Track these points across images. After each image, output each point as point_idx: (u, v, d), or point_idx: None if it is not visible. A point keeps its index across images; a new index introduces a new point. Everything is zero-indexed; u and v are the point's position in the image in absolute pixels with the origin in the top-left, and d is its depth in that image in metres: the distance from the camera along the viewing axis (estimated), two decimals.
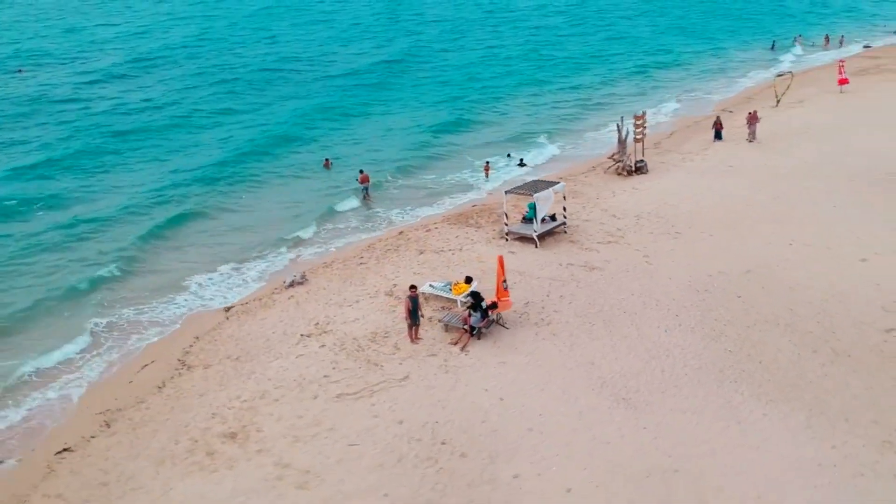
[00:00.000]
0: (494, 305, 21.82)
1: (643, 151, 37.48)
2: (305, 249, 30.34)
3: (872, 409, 18.30)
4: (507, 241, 28.41)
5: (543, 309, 23.27)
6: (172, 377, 20.78)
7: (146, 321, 24.80)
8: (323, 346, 21.56)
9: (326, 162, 41.36)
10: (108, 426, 18.78)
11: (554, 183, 28.98)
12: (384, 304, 23.90)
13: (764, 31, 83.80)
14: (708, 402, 18.66)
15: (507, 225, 28.59)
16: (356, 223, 33.07)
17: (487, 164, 38.74)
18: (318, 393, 19.28)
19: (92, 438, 18.36)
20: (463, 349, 21.03)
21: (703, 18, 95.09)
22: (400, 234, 30.54)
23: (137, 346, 23.20)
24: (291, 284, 25.70)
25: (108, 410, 19.51)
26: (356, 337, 21.93)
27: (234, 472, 16.63)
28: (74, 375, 21.50)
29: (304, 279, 25.98)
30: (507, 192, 28.74)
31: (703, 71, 64.51)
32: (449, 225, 30.82)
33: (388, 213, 34.15)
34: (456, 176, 39.11)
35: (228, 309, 24.84)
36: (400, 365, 20.45)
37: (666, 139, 42.85)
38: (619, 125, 36.58)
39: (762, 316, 22.67)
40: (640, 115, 37.59)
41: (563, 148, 43.93)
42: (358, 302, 24.19)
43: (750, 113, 40.72)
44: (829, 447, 16.96)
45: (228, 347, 22.09)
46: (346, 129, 49.14)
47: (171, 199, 36.04)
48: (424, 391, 19.31)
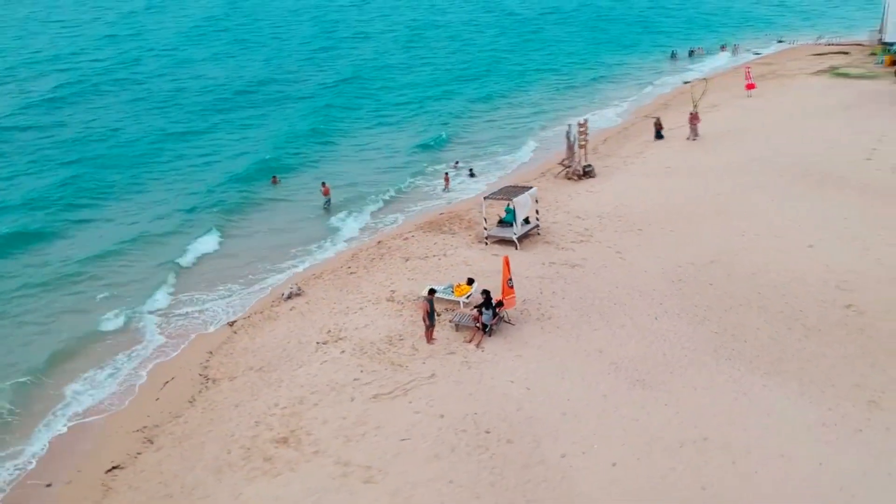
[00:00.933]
0: (500, 304, 23.13)
1: (586, 157, 39.70)
2: (290, 262, 30.86)
3: (851, 374, 20.65)
4: (486, 244, 29.79)
5: (541, 305, 24.76)
6: (200, 391, 21.08)
7: (147, 341, 24.79)
8: (343, 351, 22.31)
9: (274, 179, 41.66)
10: (150, 442, 18.98)
11: (528, 187, 30.60)
12: (389, 309, 24.82)
13: (661, 42, 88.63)
14: (713, 378, 20.57)
15: (486, 229, 29.96)
16: (329, 235, 33.71)
17: (447, 174, 40.09)
18: (353, 395, 20.07)
19: (138, 455, 18.54)
20: (478, 346, 22.25)
21: (598, 32, 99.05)
22: (379, 243, 31.48)
23: (148, 364, 23.23)
24: (289, 297, 26.23)
25: (144, 427, 19.67)
26: (372, 341, 22.79)
27: (297, 473, 17.26)
28: (96, 397, 21.40)
29: (300, 291, 26.53)
30: (485, 197, 30.18)
31: (614, 81, 67.94)
32: (424, 233, 31.96)
33: (357, 223, 34.95)
34: (416, 186, 40.29)
35: (232, 324, 25.12)
36: (423, 364, 21.47)
37: (601, 145, 45.37)
38: (567, 132, 38.64)
39: (735, 300, 24.90)
40: (582, 122, 39.82)
41: (510, 154, 45.98)
42: (362, 309, 25.01)
43: (692, 113, 44.04)
44: (825, 410, 19.10)
45: (248, 359, 22.51)
46: (292, 147, 49.62)
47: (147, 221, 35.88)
48: (454, 386, 20.41)
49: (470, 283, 25.00)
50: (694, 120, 43.70)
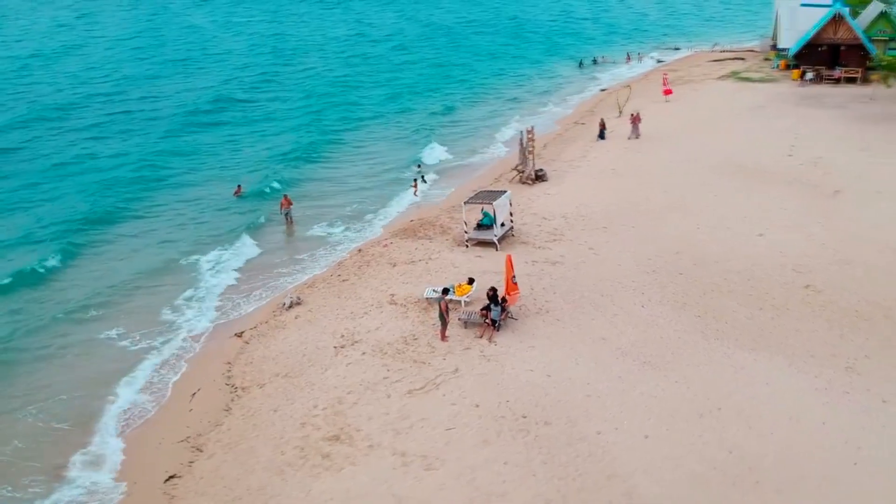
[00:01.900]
0: (504, 300, 24.59)
1: (534, 162, 41.74)
2: (275, 270, 31.48)
3: (825, 346, 23.21)
4: (467, 247, 31.19)
5: (536, 301, 26.37)
6: (233, 399, 21.55)
7: (155, 354, 25.00)
8: (364, 353, 23.23)
9: (237, 189, 41.75)
10: (199, 450, 19.38)
11: (503, 192, 32.25)
12: (394, 311, 25.86)
13: (569, 53, 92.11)
14: (710, 356, 22.69)
15: (466, 232, 31.37)
16: (304, 245, 34.35)
17: (415, 181, 41.26)
18: (389, 392, 21.07)
19: (191, 463, 18.94)
20: (490, 340, 23.62)
21: (510, 47, 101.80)
22: (359, 251, 32.39)
23: (169, 379, 23.52)
24: (291, 306, 26.82)
25: (188, 437, 20.03)
26: (389, 342, 23.81)
27: (359, 467, 18.16)
28: (131, 412, 21.62)
29: (300, 300, 27.18)
30: (465, 202, 31.57)
31: (530, 91, 70.56)
32: (401, 239, 33.05)
33: (327, 232, 35.69)
34: (382, 194, 41.38)
35: (241, 334, 25.53)
36: (444, 360, 22.67)
37: (543, 150, 47.47)
38: (521, 138, 40.58)
39: (706, 286, 27.26)
40: (530, 129, 41.86)
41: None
42: (367, 313, 25.93)
43: (633, 115, 47.06)
44: (812, 377, 21.49)
45: (270, 366, 23.09)
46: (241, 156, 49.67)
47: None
48: (480, 378, 21.72)
49: (470, 282, 26.32)
50: (636, 121, 46.66)
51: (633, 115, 47.61)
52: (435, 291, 26.23)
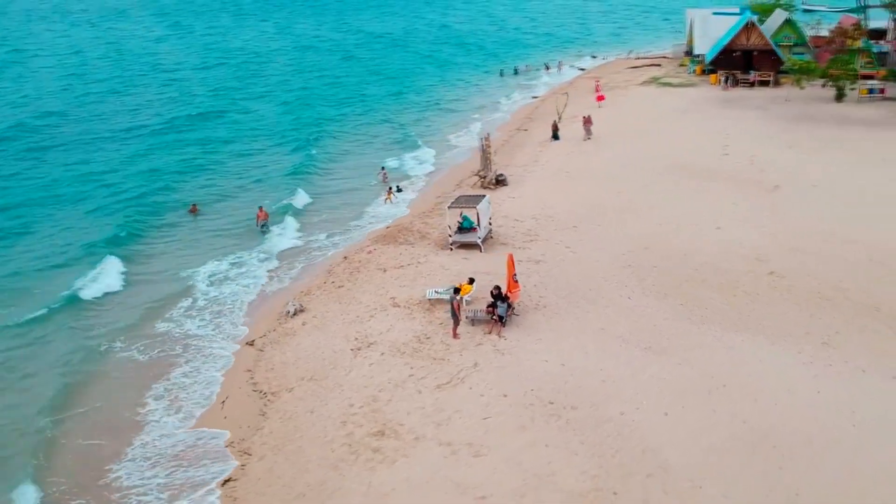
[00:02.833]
0: (507, 297, 26.03)
1: (493, 167, 43.44)
2: (266, 280, 31.96)
3: (797, 326, 25.61)
4: (452, 249, 32.48)
5: (531, 297, 27.90)
6: (265, 404, 22.14)
7: (168, 365, 25.27)
8: (382, 354, 24.20)
9: (193, 207, 41.54)
10: (248, 454, 19.96)
11: (482, 196, 33.73)
12: (400, 313, 26.90)
13: (488, 63, 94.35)
14: (702, 339, 24.74)
15: (450, 236, 32.65)
16: (287, 255, 34.88)
17: (390, 189, 42.17)
18: (419, 388, 22.14)
19: (244, 466, 19.50)
20: (499, 335, 25.00)
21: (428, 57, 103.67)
22: (345, 258, 33.17)
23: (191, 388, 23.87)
24: (295, 313, 27.44)
25: (232, 443, 20.53)
26: (403, 342, 24.86)
27: (410, 458, 19.19)
28: (167, 420, 21.92)
29: (302, 307, 27.83)
30: (449, 206, 32.86)
31: (462, 100, 72.41)
32: (383, 245, 34.04)
33: (309, 241, 36.33)
34: (358, 203, 42.19)
35: (252, 343, 26.01)
36: (461, 356, 23.90)
37: (494, 156, 49.14)
38: (482, 145, 42.18)
39: (681, 277, 29.44)
40: (486, 136, 43.59)
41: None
42: (373, 317, 26.87)
43: (584, 117, 49.47)
44: (796, 353, 23.80)
45: (293, 371, 23.76)
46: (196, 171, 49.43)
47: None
48: (499, 370, 23.07)
49: (471, 282, 27.60)
50: (587, 122, 49.14)
51: (584, 117, 50.03)
52: (437, 292, 27.39)
